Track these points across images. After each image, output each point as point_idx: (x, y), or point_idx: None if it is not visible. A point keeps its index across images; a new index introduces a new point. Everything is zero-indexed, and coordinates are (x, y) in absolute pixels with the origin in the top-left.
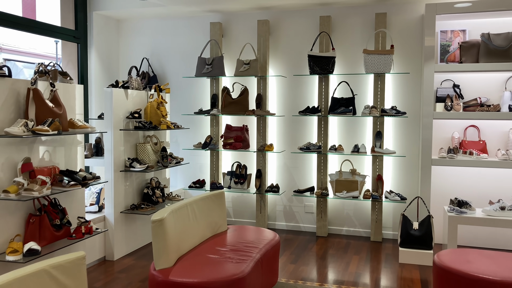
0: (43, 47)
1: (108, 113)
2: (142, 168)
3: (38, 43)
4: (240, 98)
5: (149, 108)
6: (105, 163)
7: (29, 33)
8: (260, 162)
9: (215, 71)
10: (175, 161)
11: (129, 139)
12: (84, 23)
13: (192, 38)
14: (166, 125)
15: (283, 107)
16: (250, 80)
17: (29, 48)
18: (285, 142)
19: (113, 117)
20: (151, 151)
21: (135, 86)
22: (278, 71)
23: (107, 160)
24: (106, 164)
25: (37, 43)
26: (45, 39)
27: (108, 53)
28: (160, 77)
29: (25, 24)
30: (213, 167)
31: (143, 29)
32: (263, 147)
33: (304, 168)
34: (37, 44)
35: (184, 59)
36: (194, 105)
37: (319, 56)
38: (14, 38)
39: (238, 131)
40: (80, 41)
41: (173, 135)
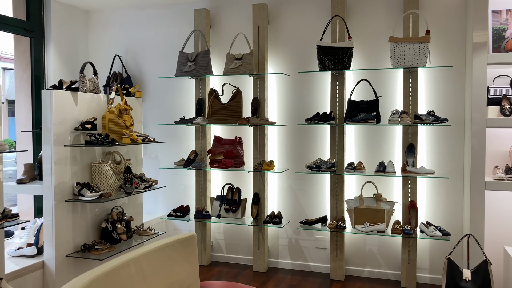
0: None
1: (47, 123)
2: (93, 197)
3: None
4: (231, 103)
5: (107, 116)
6: (44, 190)
7: None
8: (257, 184)
9: (200, 69)
10: (144, 185)
11: (80, 158)
12: (39, 12)
13: (174, 31)
14: (129, 139)
15: (286, 114)
16: (244, 80)
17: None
18: (289, 158)
19: (53, 129)
20: (111, 173)
21: (89, 88)
22: (279, 67)
23: (46, 187)
24: (44, 192)
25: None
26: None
27: (73, 50)
28: (135, 79)
29: None
30: (199, 190)
31: (116, 21)
32: (261, 165)
33: (313, 192)
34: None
35: (165, 56)
36: (176, 113)
37: (332, 47)
38: None
39: (230, 144)
40: (33, 35)
41: (151, 150)
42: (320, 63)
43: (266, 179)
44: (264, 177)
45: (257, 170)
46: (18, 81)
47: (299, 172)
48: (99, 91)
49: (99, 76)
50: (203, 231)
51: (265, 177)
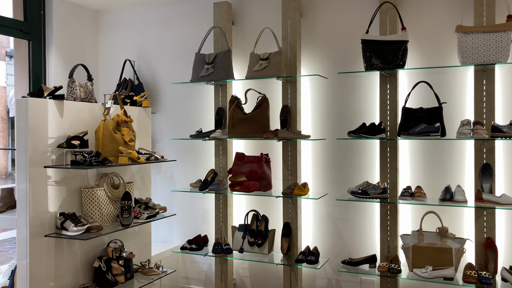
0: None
1: (21, 139)
2: (77, 232)
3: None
4: (255, 113)
5: (101, 130)
6: (17, 223)
7: None
8: (288, 212)
9: (219, 73)
10: (147, 214)
11: (68, 182)
12: (38, 12)
13: (191, 30)
14: (128, 158)
15: (323, 126)
16: (272, 85)
17: None
18: (328, 181)
19: (28, 145)
20: (105, 200)
21: (80, 96)
22: (314, 69)
23: (19, 218)
24: (18, 225)
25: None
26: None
27: (79, 55)
28: (149, 86)
29: None
30: (219, 217)
31: (127, 21)
32: (292, 189)
33: (359, 223)
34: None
35: (182, 59)
36: (195, 125)
37: (381, 41)
38: None
39: (254, 163)
40: (32, 37)
41: (166, 169)
42: (366, 62)
43: (298, 206)
44: (296, 203)
45: (288, 196)
46: (17, 89)
47: (340, 199)
48: (93, 100)
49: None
50: (223, 267)
51: (297, 203)
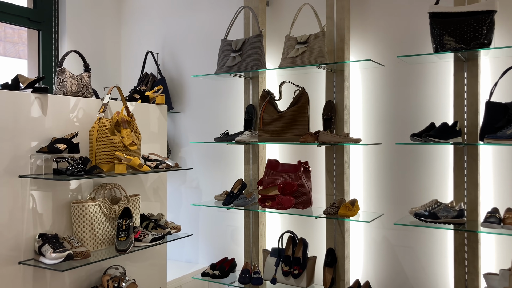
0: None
1: None
2: (55, 260)
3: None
4: (291, 110)
5: (95, 131)
6: None
7: None
8: (332, 236)
9: (247, 62)
10: (152, 235)
11: (55, 195)
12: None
13: (220, 14)
14: (126, 166)
15: (379, 127)
16: (313, 76)
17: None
18: (384, 198)
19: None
20: (100, 218)
21: (71, 89)
22: (367, 54)
23: None
24: None
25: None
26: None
27: (99, 47)
28: (173, 81)
29: None
30: (248, 237)
31: (151, 8)
32: (337, 207)
33: (425, 253)
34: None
35: (210, 50)
36: (224, 125)
37: (456, 13)
38: None
39: (290, 172)
40: (42, 27)
41: (193, 177)
42: (435, 42)
43: (346, 229)
44: (343, 225)
45: (331, 216)
46: None
47: (399, 224)
48: (88, 94)
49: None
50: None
51: (344, 225)
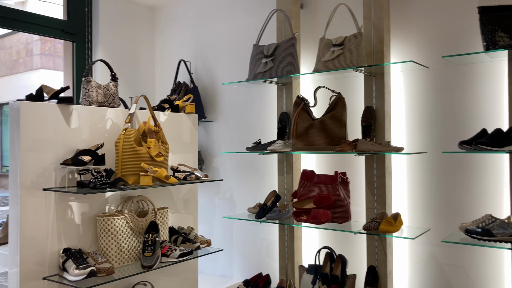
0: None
1: (13, 153)
2: (78, 277)
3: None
4: (327, 118)
5: (121, 142)
6: (8, 260)
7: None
8: (374, 253)
9: (279, 67)
10: (180, 250)
11: (82, 208)
12: (83, 10)
13: (254, 20)
14: (151, 178)
15: (423, 135)
16: (351, 81)
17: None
18: (430, 211)
19: (19, 162)
20: (126, 232)
21: (96, 99)
22: (408, 55)
23: (11, 254)
24: (8, 264)
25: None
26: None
27: (132, 57)
28: (206, 90)
29: None
30: (283, 253)
31: (184, 17)
32: (378, 222)
33: (478, 273)
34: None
35: (243, 57)
36: (258, 134)
37: (510, 6)
38: None
39: (326, 184)
40: (75, 38)
41: (226, 187)
42: (486, 39)
43: (388, 245)
44: (386, 241)
45: (371, 232)
46: None
47: (449, 242)
48: (115, 104)
49: (164, 88)
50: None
51: (386, 241)
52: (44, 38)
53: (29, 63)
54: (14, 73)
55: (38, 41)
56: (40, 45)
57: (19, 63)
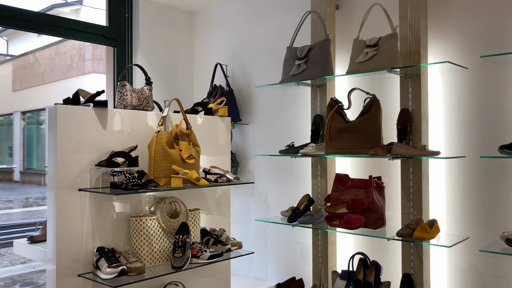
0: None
1: (51, 155)
2: (109, 275)
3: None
4: (361, 120)
5: (153, 145)
6: (46, 257)
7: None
8: (409, 260)
9: (313, 70)
10: (210, 252)
11: (116, 208)
12: (123, 16)
13: (288, 22)
14: (181, 180)
15: (462, 138)
16: (387, 82)
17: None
18: (469, 218)
19: (57, 164)
20: (158, 232)
21: (131, 103)
22: (446, 55)
23: (49, 252)
24: (47, 260)
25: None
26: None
27: (171, 61)
28: (242, 93)
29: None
30: (317, 257)
31: (222, 20)
32: (413, 228)
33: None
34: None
35: (279, 60)
36: (292, 137)
37: None
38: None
39: (360, 188)
40: (116, 43)
41: (261, 190)
42: None
43: (425, 253)
44: (422, 248)
45: (405, 239)
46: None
47: (487, 251)
48: (149, 108)
49: (201, 91)
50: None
51: (423, 248)
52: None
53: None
54: (68, 77)
55: (90, 46)
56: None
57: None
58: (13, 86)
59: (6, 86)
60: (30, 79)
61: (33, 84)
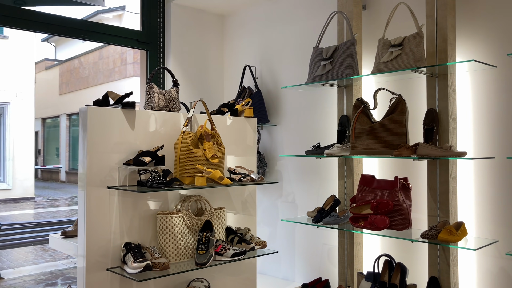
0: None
1: (81, 155)
2: (134, 270)
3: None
4: (386, 121)
5: (179, 145)
6: (77, 253)
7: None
8: (436, 263)
9: (338, 70)
10: (233, 250)
11: (144, 205)
12: (156, 20)
13: (315, 23)
14: (205, 179)
15: (491, 139)
16: (414, 82)
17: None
18: (499, 221)
19: (86, 162)
20: (183, 230)
21: (158, 104)
22: (475, 54)
23: (79, 246)
24: (78, 256)
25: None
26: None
27: (202, 63)
28: (270, 94)
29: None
30: (343, 258)
31: (251, 23)
32: (438, 230)
33: None
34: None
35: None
36: (318, 138)
37: None
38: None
39: (386, 189)
40: (149, 47)
41: (289, 191)
42: None
43: (452, 255)
44: (449, 251)
45: (430, 241)
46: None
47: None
48: (176, 109)
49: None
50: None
51: (450, 251)
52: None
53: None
54: (111, 81)
55: (131, 51)
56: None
57: (115, 71)
58: (60, 89)
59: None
60: (76, 83)
61: (78, 88)
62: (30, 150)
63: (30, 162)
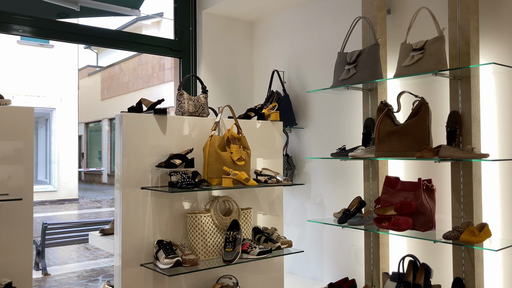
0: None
1: (117, 158)
2: (166, 266)
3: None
4: (409, 123)
5: (207, 148)
6: (114, 250)
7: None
8: (460, 264)
9: (362, 74)
10: (259, 249)
11: (174, 205)
12: (188, 29)
13: (341, 28)
14: (231, 180)
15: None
16: (437, 85)
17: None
18: None
19: (122, 164)
20: (211, 228)
21: (188, 110)
22: (499, 57)
23: (116, 243)
24: (115, 252)
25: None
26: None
27: (232, 69)
28: (298, 98)
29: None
30: (369, 258)
31: (280, 29)
32: (460, 231)
33: None
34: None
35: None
36: (344, 141)
37: None
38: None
39: (409, 191)
40: (182, 55)
41: (317, 192)
42: None
43: (477, 257)
44: (474, 252)
45: (454, 242)
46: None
47: None
48: (204, 114)
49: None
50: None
51: (474, 252)
52: None
53: (162, 76)
54: (150, 86)
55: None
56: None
57: (154, 77)
58: (102, 95)
59: (96, 95)
60: (116, 88)
61: (118, 93)
62: (74, 153)
63: (74, 165)
